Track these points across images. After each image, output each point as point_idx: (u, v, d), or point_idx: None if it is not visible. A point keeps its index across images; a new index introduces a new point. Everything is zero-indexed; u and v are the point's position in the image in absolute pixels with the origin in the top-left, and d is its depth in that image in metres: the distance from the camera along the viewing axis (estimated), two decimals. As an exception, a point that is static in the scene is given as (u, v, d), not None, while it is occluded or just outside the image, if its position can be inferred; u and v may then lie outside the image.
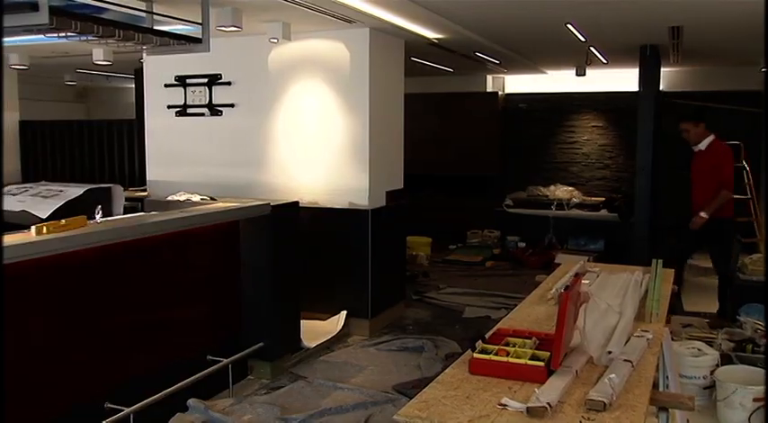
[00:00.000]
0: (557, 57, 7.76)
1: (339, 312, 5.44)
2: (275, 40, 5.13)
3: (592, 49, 6.84)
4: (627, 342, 2.32)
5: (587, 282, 3.06)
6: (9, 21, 3.27)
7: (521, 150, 9.56)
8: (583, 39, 6.15)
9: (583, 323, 2.25)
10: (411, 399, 1.96)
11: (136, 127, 7.58)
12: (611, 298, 2.81)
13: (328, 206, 5.47)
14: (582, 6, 4.87)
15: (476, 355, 2.13)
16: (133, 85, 10.20)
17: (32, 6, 3.17)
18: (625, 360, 2.11)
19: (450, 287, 7.14)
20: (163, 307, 3.92)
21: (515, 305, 3.09)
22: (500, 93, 9.65)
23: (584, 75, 8.18)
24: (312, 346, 4.96)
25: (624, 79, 8.40)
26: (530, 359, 2.07)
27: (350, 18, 4.95)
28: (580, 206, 8.72)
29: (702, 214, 5.48)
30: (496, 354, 2.12)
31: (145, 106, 6.30)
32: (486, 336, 2.32)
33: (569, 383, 1.96)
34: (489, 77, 9.76)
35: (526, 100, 9.59)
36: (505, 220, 9.00)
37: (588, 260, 4.42)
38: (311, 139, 5.55)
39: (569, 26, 5.61)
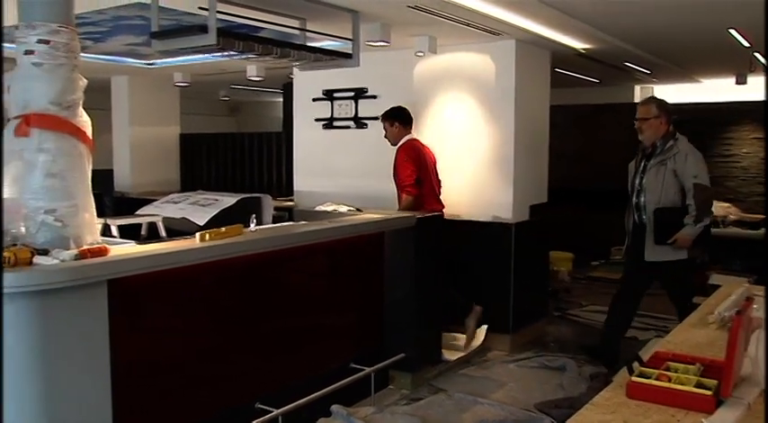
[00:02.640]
0: (715, 64, 7.33)
1: (480, 326, 5.41)
2: (421, 54, 5.21)
3: (756, 54, 6.40)
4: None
5: (756, 307, 2.86)
6: (181, 43, 3.55)
7: (671, 163, 9.07)
8: (747, 44, 5.77)
9: (755, 351, 2.10)
10: (554, 419, 1.91)
11: (284, 139, 7.92)
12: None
13: (471, 219, 5.46)
14: (748, 9, 4.56)
15: (634, 378, 2.04)
16: (281, 100, 10.70)
17: (202, 29, 3.42)
18: (805, 394, 1.95)
19: (594, 305, 6.89)
20: (310, 315, 4.07)
21: (664, 327, 2.94)
22: (649, 103, 9.22)
23: (746, 83, 7.66)
24: (452, 360, 4.95)
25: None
26: (695, 386, 1.96)
27: (496, 30, 4.93)
28: (738, 224, 8.14)
29: None
30: (657, 378, 2.02)
31: (294, 119, 6.58)
32: (644, 358, 2.22)
33: (741, 416, 1.84)
34: (637, 88, 9.37)
35: (677, 111, 9.03)
36: (654, 237, 8.55)
37: (748, 282, 4.12)
38: (455, 152, 5.57)
39: (732, 31, 5.28)
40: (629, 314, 4.99)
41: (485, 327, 5.38)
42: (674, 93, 9.19)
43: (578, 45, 5.74)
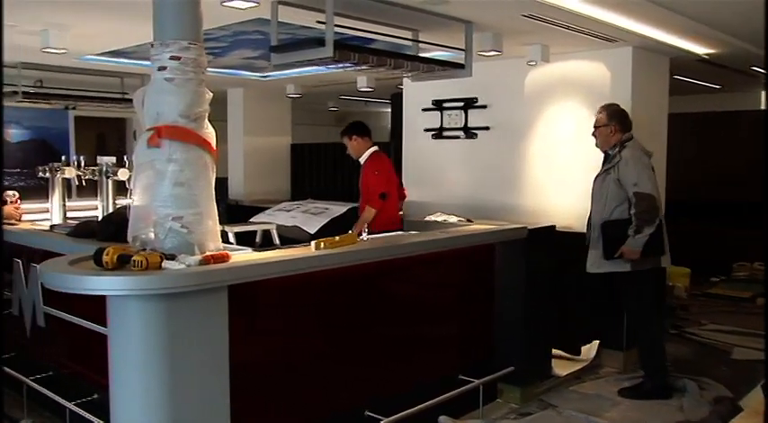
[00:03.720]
0: None
1: (591, 341, 5.24)
2: (533, 63, 5.13)
3: None
4: None
5: None
6: (299, 56, 3.66)
7: (801, 174, 8.48)
8: None
9: None
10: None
11: (392, 149, 7.99)
12: None
13: (583, 231, 5.30)
14: None
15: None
16: (388, 110, 10.83)
17: (319, 42, 3.51)
18: None
19: (714, 323, 6.54)
20: (419, 324, 4.08)
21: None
22: (776, 110, 8.69)
23: None
24: (563, 375, 4.83)
25: None
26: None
27: (612, 37, 4.79)
28: None
29: None
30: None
31: (403, 129, 6.64)
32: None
33: None
34: (764, 94, 8.84)
35: (809, 118, 8.52)
36: (781, 254, 8.03)
37: None
38: (567, 162, 5.44)
39: None
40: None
41: (596, 342, 5.21)
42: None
43: (701, 50, 5.49)
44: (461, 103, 6.02)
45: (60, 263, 2.92)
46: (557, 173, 5.46)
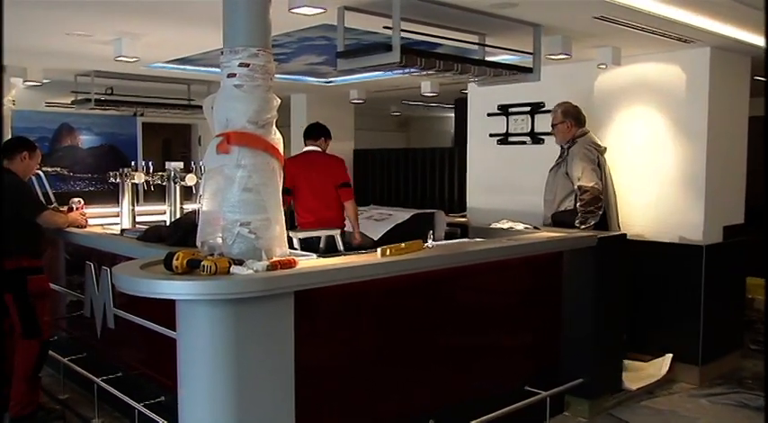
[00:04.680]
0: None
1: (664, 355, 5.10)
2: (604, 66, 5.04)
3: None
4: None
5: None
6: (366, 61, 3.70)
7: None
8: None
9: None
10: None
11: (456, 154, 8.00)
12: None
13: (656, 240, 5.19)
14: None
15: None
16: (452, 115, 10.83)
17: (386, 47, 3.55)
18: None
19: (798, 339, 6.27)
20: (485, 333, 4.06)
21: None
22: None
23: None
24: (633, 389, 4.71)
25: None
26: None
27: (688, 38, 4.67)
28: None
29: None
30: None
31: (468, 135, 6.62)
32: None
33: None
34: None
35: None
36: None
37: None
38: (639, 168, 5.32)
39: None
40: None
41: (669, 355, 5.08)
42: None
43: (784, 50, 5.29)
44: (528, 108, 5.97)
45: (132, 267, 3.03)
46: (627, 179, 5.35)
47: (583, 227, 4.68)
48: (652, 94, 5.25)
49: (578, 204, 4.77)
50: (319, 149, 5.41)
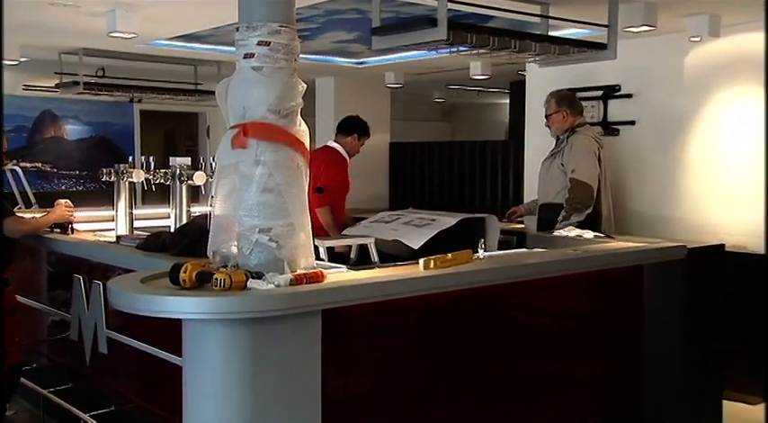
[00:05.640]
0: None
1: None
2: (697, 39, 5.00)
3: None
4: None
5: None
6: (406, 39, 3.74)
7: None
8: None
9: None
10: None
11: (512, 148, 7.98)
12: None
13: (761, 252, 5.12)
14: None
15: None
16: (507, 101, 10.82)
17: (431, 22, 3.58)
18: None
19: None
20: (546, 361, 4.05)
21: None
22: None
23: None
24: (735, 435, 4.68)
25: None
26: None
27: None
28: None
29: None
30: None
31: (526, 125, 6.63)
32: None
33: None
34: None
35: None
36: None
37: None
38: (739, 163, 5.28)
39: None
40: None
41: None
42: None
43: None
44: (599, 93, 5.96)
45: (131, 280, 3.08)
46: (725, 177, 5.31)
47: (564, 223, 4.93)
48: (758, 72, 5.17)
49: (566, 197, 5.04)
50: (334, 146, 5.59)
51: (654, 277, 4.39)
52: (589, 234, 4.87)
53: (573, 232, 4.92)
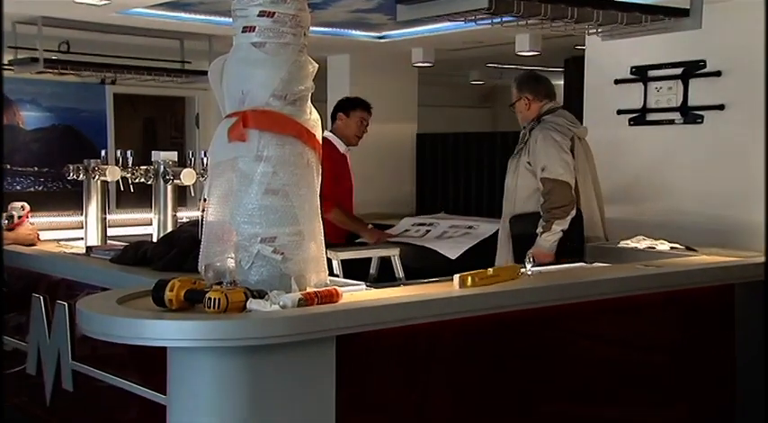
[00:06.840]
0: None
1: None
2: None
3: None
4: None
5: None
6: (436, 8, 3.75)
7: None
8: None
9: None
10: None
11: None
12: None
13: None
14: None
15: None
16: (560, 82, 10.78)
17: (470, -13, 3.61)
18: None
19: None
20: (611, 397, 4.08)
21: None
22: None
23: None
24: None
25: None
26: None
27: None
28: None
29: None
30: None
31: (584, 111, 6.62)
32: None
33: None
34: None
35: None
36: None
37: None
38: None
39: None
40: None
41: None
42: None
43: None
44: (679, 71, 5.95)
45: (104, 300, 3.13)
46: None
47: (546, 235, 4.85)
48: None
49: (542, 202, 4.97)
50: (326, 136, 5.64)
51: (748, 298, 4.39)
52: (665, 245, 4.89)
53: (644, 243, 4.95)
